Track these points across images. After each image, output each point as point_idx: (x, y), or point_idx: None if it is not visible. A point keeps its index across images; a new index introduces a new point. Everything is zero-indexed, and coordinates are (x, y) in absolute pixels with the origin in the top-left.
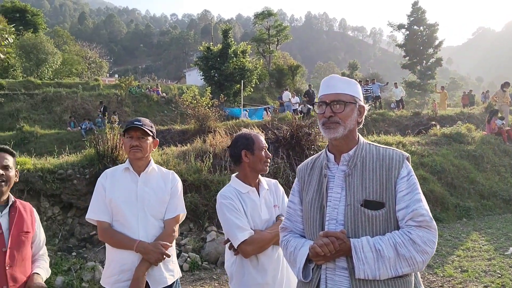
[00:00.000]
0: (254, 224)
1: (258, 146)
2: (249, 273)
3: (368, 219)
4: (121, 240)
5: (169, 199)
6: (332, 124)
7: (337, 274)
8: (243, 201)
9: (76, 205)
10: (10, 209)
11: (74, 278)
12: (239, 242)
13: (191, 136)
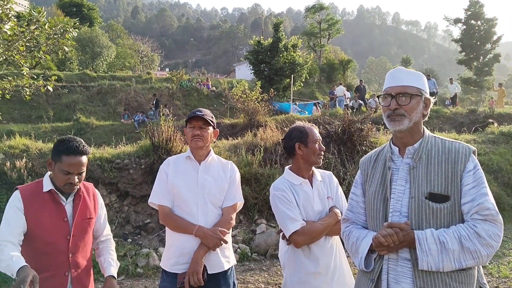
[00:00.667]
0: (306, 215)
1: (312, 138)
2: (301, 262)
3: (432, 212)
4: (182, 225)
5: (228, 188)
6: (397, 116)
7: (399, 265)
8: (296, 193)
9: (132, 193)
10: (75, 197)
11: (130, 263)
12: (290, 232)
13: (240, 130)
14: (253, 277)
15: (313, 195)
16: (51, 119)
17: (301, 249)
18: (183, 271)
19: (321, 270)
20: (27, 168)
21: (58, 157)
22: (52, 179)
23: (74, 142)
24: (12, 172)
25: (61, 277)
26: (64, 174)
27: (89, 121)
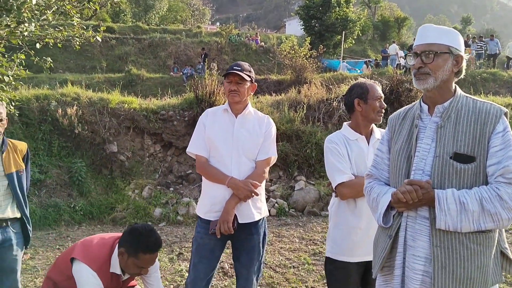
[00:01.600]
0: (358, 170)
1: (372, 95)
2: (345, 216)
3: (456, 172)
4: (215, 175)
5: (262, 142)
6: (422, 75)
7: (417, 222)
8: (350, 147)
9: (175, 144)
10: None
11: (171, 211)
12: (336, 183)
13: (286, 86)
14: (289, 232)
15: (368, 152)
16: (104, 70)
17: (346, 203)
18: (215, 219)
19: (363, 226)
20: (77, 116)
21: (135, 253)
22: (121, 266)
23: (153, 237)
24: (64, 119)
25: None
26: (137, 268)
27: (140, 73)
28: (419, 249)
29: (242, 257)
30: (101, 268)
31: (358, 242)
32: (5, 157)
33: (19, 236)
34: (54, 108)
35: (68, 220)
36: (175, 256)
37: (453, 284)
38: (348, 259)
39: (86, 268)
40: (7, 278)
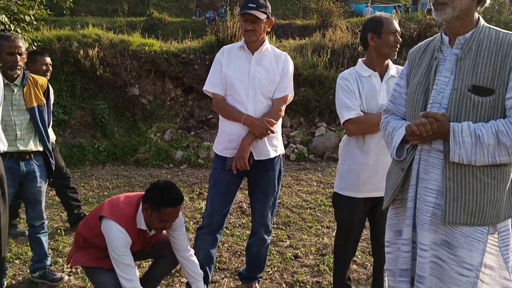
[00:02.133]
0: (368, 107)
1: (386, 29)
2: (353, 152)
3: (473, 105)
4: (232, 113)
5: (279, 80)
6: (439, 5)
7: (431, 155)
8: (361, 84)
9: (196, 89)
10: None
11: (192, 154)
12: (344, 120)
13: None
14: (307, 176)
15: (380, 89)
16: (126, 13)
17: (355, 140)
18: (231, 156)
19: (370, 163)
20: (99, 58)
21: (157, 208)
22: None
23: (174, 193)
24: (86, 61)
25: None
26: (161, 222)
27: (162, 17)
28: (432, 182)
29: (257, 192)
30: (128, 224)
31: (365, 178)
32: (26, 92)
33: (42, 169)
34: (75, 49)
35: (92, 160)
36: (195, 195)
37: (465, 217)
38: (354, 194)
39: (115, 225)
40: (33, 209)
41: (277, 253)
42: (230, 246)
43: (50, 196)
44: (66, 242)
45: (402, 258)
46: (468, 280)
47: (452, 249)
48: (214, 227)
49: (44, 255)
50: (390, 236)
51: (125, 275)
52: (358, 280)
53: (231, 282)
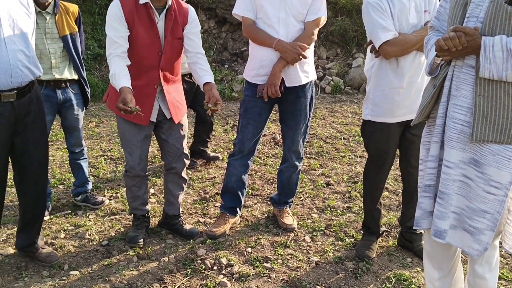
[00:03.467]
0: (400, 27)
1: None
2: (387, 76)
3: (509, 18)
4: (262, 37)
5: (312, 1)
6: None
7: (463, 71)
8: (392, 3)
9: (229, 20)
10: (167, 14)
11: (226, 88)
12: (381, 42)
13: None
14: (342, 108)
15: (410, 7)
16: None
17: (388, 63)
18: (263, 83)
19: (405, 86)
20: None
21: None
22: None
23: None
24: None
25: (151, 88)
26: None
27: None
28: (461, 99)
29: (288, 119)
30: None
31: (400, 102)
32: (59, 20)
33: (78, 97)
34: None
35: None
36: (229, 127)
37: (493, 134)
38: (390, 120)
39: (116, 1)
40: (71, 135)
41: (309, 181)
42: (263, 174)
43: (90, 127)
44: (106, 169)
45: (427, 174)
46: (495, 198)
47: (479, 167)
48: (245, 154)
49: (85, 180)
50: (423, 153)
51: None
52: (389, 206)
53: (263, 207)
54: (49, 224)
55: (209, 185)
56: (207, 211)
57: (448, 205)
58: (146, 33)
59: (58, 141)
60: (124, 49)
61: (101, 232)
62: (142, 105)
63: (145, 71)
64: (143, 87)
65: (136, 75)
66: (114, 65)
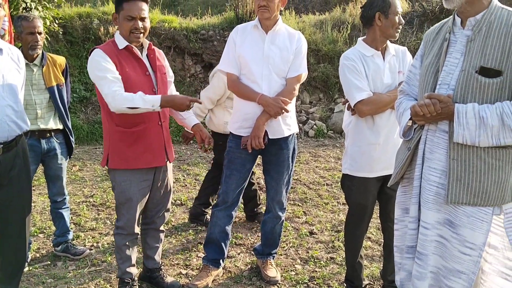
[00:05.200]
0: (375, 87)
1: (393, 10)
2: (363, 133)
3: (480, 86)
4: (246, 92)
5: (293, 59)
6: None
7: (436, 135)
8: (366, 64)
9: (215, 65)
10: (148, 51)
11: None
12: (356, 101)
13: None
14: (325, 152)
15: (384, 68)
16: None
17: (364, 120)
18: (246, 135)
19: (382, 142)
20: None
21: (120, 6)
22: (122, 36)
23: None
24: (106, 38)
25: (157, 126)
26: (128, 21)
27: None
28: (436, 161)
29: (272, 170)
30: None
31: (377, 157)
32: (46, 71)
33: (62, 146)
34: (96, 26)
35: None
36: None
37: (468, 197)
38: (367, 174)
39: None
40: (54, 184)
41: (292, 229)
42: (245, 223)
43: (73, 171)
44: (88, 217)
45: (409, 235)
46: (470, 259)
47: (455, 228)
48: (229, 205)
49: (67, 230)
50: (398, 213)
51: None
52: (372, 257)
53: (246, 257)
54: (28, 276)
55: (192, 234)
56: (190, 262)
57: (426, 265)
58: (136, 72)
59: (40, 186)
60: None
61: (80, 285)
62: (153, 145)
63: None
64: (149, 128)
65: (138, 118)
66: (127, 94)
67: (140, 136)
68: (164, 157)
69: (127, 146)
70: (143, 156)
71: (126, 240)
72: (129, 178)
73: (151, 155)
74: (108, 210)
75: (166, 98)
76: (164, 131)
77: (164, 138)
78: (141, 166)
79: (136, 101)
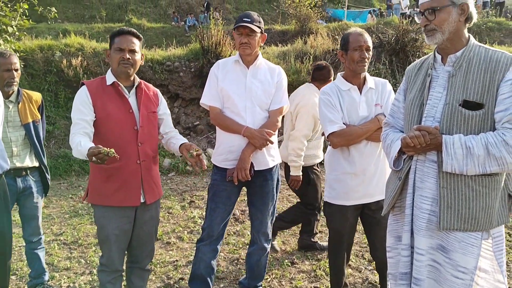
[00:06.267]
0: (350, 119)
1: (352, 46)
2: (339, 162)
3: (464, 119)
4: (231, 125)
5: (275, 92)
6: (429, 32)
7: (426, 165)
8: (342, 98)
9: (182, 96)
10: (137, 90)
11: (180, 161)
12: (328, 133)
13: (291, 37)
14: None
15: (360, 101)
16: (104, 19)
17: (340, 151)
18: (232, 167)
19: (358, 172)
20: (82, 66)
21: (112, 41)
22: (112, 73)
23: (125, 27)
24: (69, 70)
25: (134, 165)
26: (117, 53)
27: (141, 22)
28: (427, 190)
29: (257, 201)
30: (92, 83)
31: (353, 186)
32: (21, 108)
33: (38, 184)
34: (58, 59)
35: (78, 170)
36: (186, 204)
37: (458, 223)
38: (345, 202)
39: (83, 87)
40: (29, 224)
41: (274, 260)
42: (226, 255)
43: None
44: (61, 256)
45: (402, 262)
46: (463, 283)
47: (447, 253)
48: (214, 239)
49: (42, 271)
50: (391, 241)
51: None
52: (354, 284)
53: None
54: None
55: (172, 269)
56: None
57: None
58: (118, 109)
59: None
60: (87, 130)
61: None
62: (128, 184)
63: (124, 148)
64: (125, 166)
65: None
66: (77, 138)
67: (114, 173)
68: (139, 197)
69: (103, 182)
70: (117, 193)
71: (110, 277)
72: (108, 215)
73: (124, 194)
74: (81, 248)
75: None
76: (143, 170)
77: (142, 177)
78: (114, 204)
79: (75, 146)
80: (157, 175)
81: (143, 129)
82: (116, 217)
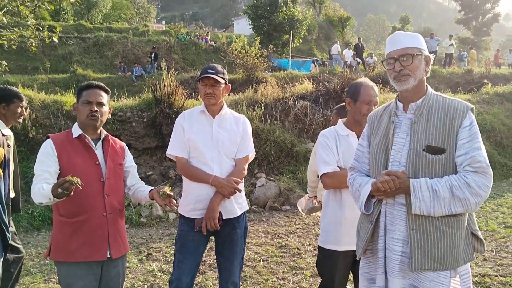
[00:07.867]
0: (345, 164)
1: (362, 98)
2: (331, 206)
3: (428, 163)
4: (198, 175)
5: (240, 141)
6: (403, 76)
7: (395, 208)
8: (339, 142)
9: (134, 146)
10: (104, 143)
11: (133, 213)
12: (321, 173)
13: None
14: (253, 227)
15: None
16: (48, 71)
17: (333, 195)
18: (200, 217)
19: (348, 217)
20: (31, 119)
21: (80, 95)
22: (79, 126)
23: (93, 82)
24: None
25: (101, 217)
26: (85, 106)
27: (86, 73)
28: (397, 232)
29: (225, 250)
30: (58, 136)
31: (344, 231)
32: None
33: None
34: None
35: (26, 226)
36: (143, 257)
37: (428, 263)
38: (335, 247)
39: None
40: None
41: None
42: None
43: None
44: None
45: None
46: None
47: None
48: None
49: None
50: (364, 284)
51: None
52: None
53: None
54: None
55: None
56: None
57: None
58: (84, 161)
59: None
60: (49, 181)
61: None
62: (93, 238)
63: (90, 200)
64: (90, 219)
65: (81, 207)
66: (39, 185)
67: (79, 227)
68: (106, 251)
69: (68, 237)
70: (82, 248)
71: None
72: (74, 272)
73: (90, 248)
74: None
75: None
76: (109, 223)
77: (109, 231)
78: (80, 259)
79: (37, 196)
80: (123, 229)
81: (109, 181)
82: (82, 275)
